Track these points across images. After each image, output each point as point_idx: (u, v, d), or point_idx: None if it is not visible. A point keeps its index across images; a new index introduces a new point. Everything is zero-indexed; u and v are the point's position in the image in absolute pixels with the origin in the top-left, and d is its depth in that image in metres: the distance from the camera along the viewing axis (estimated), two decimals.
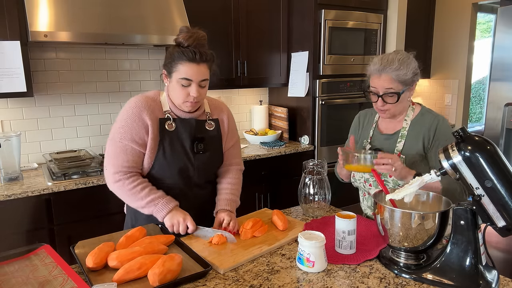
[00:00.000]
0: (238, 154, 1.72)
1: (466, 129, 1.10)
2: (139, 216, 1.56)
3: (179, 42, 1.43)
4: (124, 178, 1.45)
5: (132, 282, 1.13)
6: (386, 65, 1.51)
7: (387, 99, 1.55)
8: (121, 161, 1.46)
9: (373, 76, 1.57)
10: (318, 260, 1.19)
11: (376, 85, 1.55)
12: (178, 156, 1.50)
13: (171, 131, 1.49)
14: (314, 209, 1.66)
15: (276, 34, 3.15)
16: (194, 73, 1.42)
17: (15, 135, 2.22)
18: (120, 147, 1.46)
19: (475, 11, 3.91)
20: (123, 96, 2.87)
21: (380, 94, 1.54)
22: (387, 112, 1.58)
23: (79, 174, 2.27)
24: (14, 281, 1.10)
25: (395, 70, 1.50)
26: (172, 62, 1.43)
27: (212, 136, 1.58)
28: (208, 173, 1.62)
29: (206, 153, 1.55)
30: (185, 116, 1.53)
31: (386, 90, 1.53)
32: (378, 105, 1.58)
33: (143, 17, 2.39)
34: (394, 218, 1.19)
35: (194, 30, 1.43)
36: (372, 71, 1.56)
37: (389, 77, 1.51)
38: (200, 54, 1.41)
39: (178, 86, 1.44)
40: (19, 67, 2.16)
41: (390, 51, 1.67)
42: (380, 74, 1.53)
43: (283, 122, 3.28)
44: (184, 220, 1.43)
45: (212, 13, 2.78)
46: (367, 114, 1.80)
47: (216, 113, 1.63)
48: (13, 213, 2.05)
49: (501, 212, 1.06)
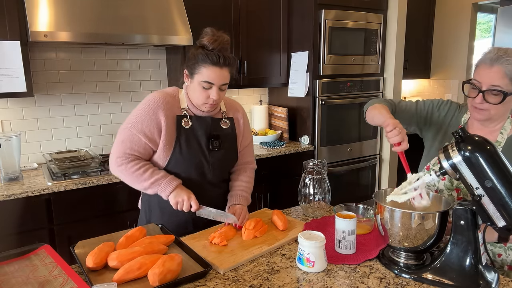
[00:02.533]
0: (251, 153, 1.76)
1: (466, 129, 1.10)
2: (153, 210, 1.59)
3: (203, 45, 1.45)
4: (125, 162, 1.48)
5: (132, 282, 1.13)
6: (503, 55, 1.28)
7: (489, 98, 1.31)
8: (125, 147, 1.49)
9: (481, 66, 1.33)
10: (318, 260, 1.19)
11: (482, 77, 1.31)
12: (193, 153, 1.53)
13: (187, 128, 1.52)
14: (314, 209, 1.66)
15: (276, 34, 3.15)
16: (216, 76, 1.44)
17: (15, 135, 2.22)
18: (127, 135, 1.49)
19: (475, 11, 3.91)
20: (123, 96, 2.87)
21: (483, 89, 1.31)
22: (484, 113, 1.35)
23: (79, 174, 2.27)
24: (14, 281, 1.10)
25: (511, 64, 1.27)
26: (195, 64, 1.45)
27: (227, 134, 1.61)
28: (223, 170, 1.65)
29: (221, 151, 1.58)
30: (201, 114, 1.56)
31: (492, 87, 1.29)
32: (475, 102, 1.34)
33: (143, 17, 2.39)
34: (394, 218, 1.19)
35: (219, 34, 1.46)
36: (483, 60, 1.33)
37: (502, 71, 1.28)
38: (224, 58, 1.43)
39: (199, 88, 1.47)
40: (19, 67, 2.16)
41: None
42: (492, 64, 1.29)
43: (283, 122, 3.28)
44: (188, 199, 1.44)
45: (212, 13, 2.78)
46: (457, 109, 1.53)
47: (232, 112, 1.66)
48: (13, 213, 2.05)
49: (501, 212, 1.06)
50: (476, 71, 1.35)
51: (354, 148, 3.36)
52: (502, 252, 1.39)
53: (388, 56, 3.39)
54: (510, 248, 1.40)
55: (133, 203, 2.39)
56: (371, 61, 3.31)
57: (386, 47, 3.39)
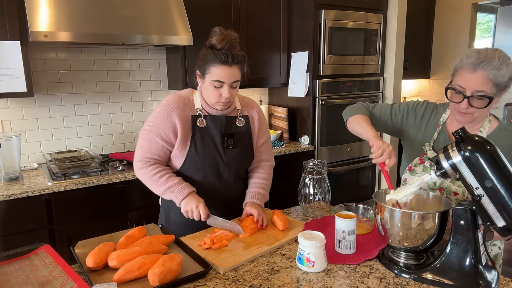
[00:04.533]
0: (269, 150, 1.77)
1: (466, 129, 1.10)
2: (172, 207, 1.61)
3: (212, 44, 1.48)
4: (145, 166, 1.54)
5: (132, 282, 1.13)
6: (485, 60, 1.25)
7: (474, 102, 1.29)
8: (144, 151, 1.55)
9: (463, 70, 1.30)
10: (318, 260, 1.19)
11: (466, 83, 1.29)
12: (209, 151, 1.56)
13: (202, 128, 1.56)
14: (314, 209, 1.66)
15: (276, 34, 3.15)
16: (226, 75, 1.47)
17: (15, 135, 2.22)
18: (146, 139, 1.55)
19: (475, 11, 3.91)
20: (123, 96, 2.87)
21: (468, 95, 1.29)
22: (468, 116, 1.34)
23: (79, 174, 2.27)
24: (14, 281, 1.10)
25: (494, 69, 1.25)
26: (205, 64, 1.49)
27: (242, 132, 1.63)
28: (238, 169, 1.66)
29: (236, 149, 1.60)
30: (216, 113, 1.58)
31: (476, 92, 1.28)
32: (460, 107, 1.32)
33: (143, 17, 2.39)
34: (394, 218, 1.19)
35: (227, 32, 1.48)
36: (464, 64, 1.30)
37: (485, 75, 1.26)
38: (232, 56, 1.46)
39: (211, 87, 1.50)
40: (19, 67, 2.16)
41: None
42: (475, 70, 1.27)
43: (283, 122, 3.28)
44: (196, 207, 1.46)
45: (212, 13, 2.78)
46: (434, 109, 1.53)
47: (247, 110, 1.68)
48: (13, 213, 2.05)
49: (501, 212, 1.06)
50: (457, 75, 1.33)
51: (354, 148, 3.36)
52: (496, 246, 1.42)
53: (388, 56, 3.39)
54: (493, 243, 1.42)
55: (133, 203, 2.40)
56: (371, 61, 3.31)
57: (386, 47, 3.39)
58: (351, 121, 1.57)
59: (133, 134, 2.95)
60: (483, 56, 1.26)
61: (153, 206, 2.41)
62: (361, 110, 1.59)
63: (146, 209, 2.40)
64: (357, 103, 1.67)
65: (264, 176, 1.70)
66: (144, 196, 2.38)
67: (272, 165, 1.78)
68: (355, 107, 1.62)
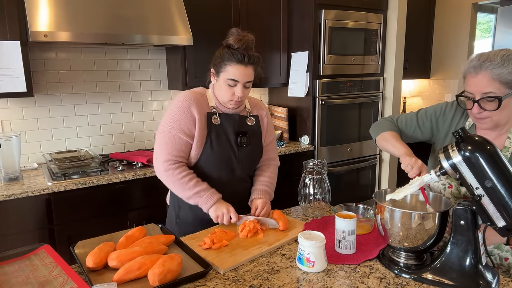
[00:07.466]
0: (275, 150, 1.82)
1: (466, 129, 1.10)
2: (182, 205, 1.62)
3: (229, 44, 1.52)
4: (173, 168, 1.53)
5: (132, 282, 1.13)
6: (486, 60, 1.24)
7: (485, 105, 1.26)
8: (169, 149, 1.54)
9: (468, 76, 1.29)
10: (318, 260, 1.19)
11: (472, 87, 1.27)
12: (223, 149, 1.59)
13: (217, 125, 1.59)
14: (314, 209, 1.66)
15: (276, 34, 3.15)
16: (240, 74, 1.50)
17: (15, 135, 2.22)
18: (169, 137, 1.54)
19: (475, 11, 3.91)
20: (123, 96, 2.87)
21: (476, 99, 1.26)
22: (486, 121, 1.29)
23: (79, 174, 2.27)
24: (14, 281, 1.10)
25: (496, 67, 1.22)
26: (221, 63, 1.52)
27: (253, 130, 1.67)
28: (250, 166, 1.71)
29: (249, 147, 1.64)
30: (228, 111, 1.62)
31: (484, 94, 1.24)
32: (473, 113, 1.29)
33: (143, 17, 2.39)
34: (394, 218, 1.19)
35: (244, 34, 1.53)
36: (468, 69, 1.28)
37: (488, 76, 1.23)
38: (248, 56, 1.50)
39: (225, 86, 1.53)
40: (19, 67, 2.16)
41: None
42: (476, 72, 1.25)
43: (283, 122, 3.28)
44: (228, 212, 1.50)
45: (212, 13, 2.78)
46: (458, 112, 1.46)
47: (256, 110, 1.73)
48: (13, 213, 2.05)
49: (501, 212, 1.06)
50: (465, 82, 1.30)
51: (354, 148, 3.36)
52: (509, 256, 1.37)
53: (388, 56, 3.39)
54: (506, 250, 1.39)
55: (133, 203, 2.40)
56: (371, 61, 3.31)
57: (386, 47, 3.39)
58: (380, 140, 1.54)
59: (133, 134, 2.95)
60: (484, 58, 1.25)
61: (153, 206, 2.42)
62: (386, 126, 1.55)
63: (146, 209, 2.40)
64: (380, 118, 1.62)
65: (270, 175, 1.74)
66: (144, 196, 2.38)
67: (277, 165, 1.83)
68: (379, 124, 1.59)
